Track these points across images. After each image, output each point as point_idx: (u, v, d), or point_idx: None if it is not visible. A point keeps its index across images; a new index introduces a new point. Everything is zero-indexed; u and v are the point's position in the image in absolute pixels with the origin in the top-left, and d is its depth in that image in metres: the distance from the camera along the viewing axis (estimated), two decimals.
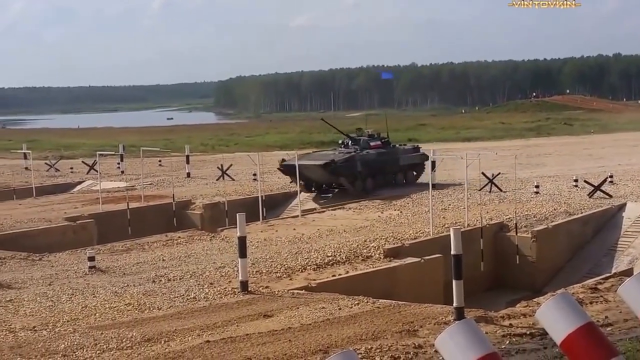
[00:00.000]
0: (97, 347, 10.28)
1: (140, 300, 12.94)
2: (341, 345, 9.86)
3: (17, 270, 16.23)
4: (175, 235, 20.45)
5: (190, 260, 16.81)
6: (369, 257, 16.37)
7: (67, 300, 13.14)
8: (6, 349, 10.34)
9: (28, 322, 11.74)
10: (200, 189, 30.23)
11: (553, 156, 43.88)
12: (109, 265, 16.46)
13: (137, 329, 11.09)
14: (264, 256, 16.62)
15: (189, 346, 10.17)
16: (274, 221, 22.88)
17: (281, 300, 12.82)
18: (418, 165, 29.80)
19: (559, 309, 3.78)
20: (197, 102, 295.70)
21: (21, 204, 27.32)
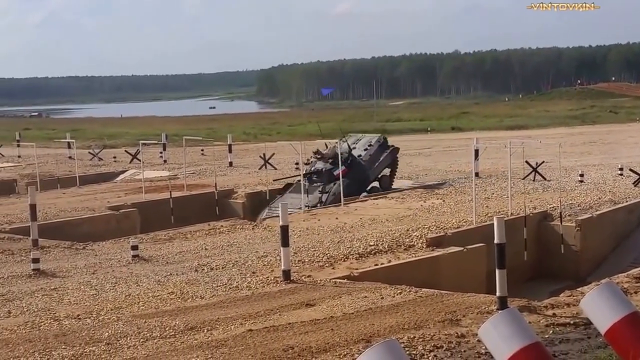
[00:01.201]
0: (140, 335, 10.38)
1: (183, 289, 13.02)
2: (384, 335, 9.87)
3: (62, 259, 16.44)
4: (218, 224, 20.56)
5: (233, 249, 16.88)
6: (412, 246, 16.31)
7: (111, 289, 13.27)
8: (51, 337, 10.49)
9: (72, 311, 11.88)
10: (243, 177, 30.36)
11: (598, 144, 43.36)
12: (152, 254, 16.60)
13: (180, 318, 11.17)
14: (306, 245, 16.64)
15: (232, 335, 10.23)
16: (316, 210, 22.89)
17: (323, 289, 12.83)
18: (390, 164, 27.27)
19: (604, 298, 3.73)
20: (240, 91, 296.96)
21: (65, 193, 27.66)
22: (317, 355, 9.13)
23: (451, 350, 9.13)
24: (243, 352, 9.36)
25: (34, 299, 12.69)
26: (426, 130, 64.59)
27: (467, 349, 9.15)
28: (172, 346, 9.88)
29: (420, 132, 63.63)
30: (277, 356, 9.12)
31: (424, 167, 32.03)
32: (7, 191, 29.67)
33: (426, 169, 31.20)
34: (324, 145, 27.70)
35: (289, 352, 9.27)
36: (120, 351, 9.75)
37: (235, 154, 36.84)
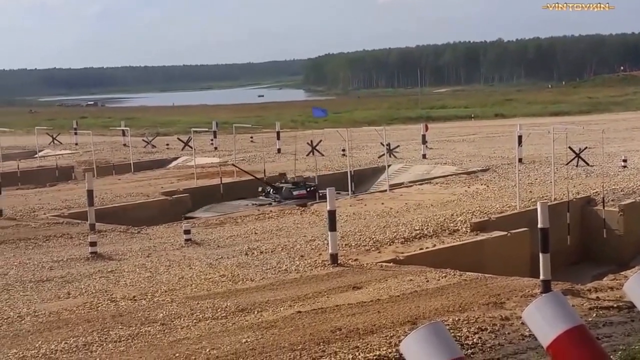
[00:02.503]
0: (193, 316, 10.72)
1: (234, 272, 13.37)
2: (429, 317, 10.03)
3: (117, 242, 16.91)
4: (267, 209, 20.90)
5: (282, 234, 17.19)
6: (456, 231, 16.47)
7: (165, 272, 13.67)
8: (108, 317, 10.90)
9: (128, 292, 12.29)
10: (291, 164, 30.64)
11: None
12: (204, 238, 16.98)
13: (231, 300, 11.50)
14: (353, 230, 16.89)
15: (281, 316, 10.51)
16: (362, 195, 23.12)
17: (370, 272, 13.08)
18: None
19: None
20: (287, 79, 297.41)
21: (120, 179, 28.31)
22: (364, 336, 9.33)
23: (495, 333, 9.28)
24: (292, 333, 9.63)
25: (92, 280, 13.17)
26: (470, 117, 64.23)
27: (511, 332, 9.29)
28: (224, 327, 10.21)
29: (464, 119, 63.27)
30: (325, 337, 9.35)
31: (467, 154, 31.99)
32: (65, 177, 30.57)
33: (470, 155, 31.18)
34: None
35: (336, 333, 9.51)
36: (175, 331, 10.10)
37: (283, 141, 37.15)
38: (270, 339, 9.49)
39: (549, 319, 3.66)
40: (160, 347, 9.45)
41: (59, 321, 10.82)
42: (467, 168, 26.99)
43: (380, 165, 28.00)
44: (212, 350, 9.11)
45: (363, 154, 32.48)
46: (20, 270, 14.12)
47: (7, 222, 19.72)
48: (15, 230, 18.51)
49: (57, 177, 30.76)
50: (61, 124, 54.52)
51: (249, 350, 9.05)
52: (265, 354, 8.89)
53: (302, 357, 8.70)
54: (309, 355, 8.73)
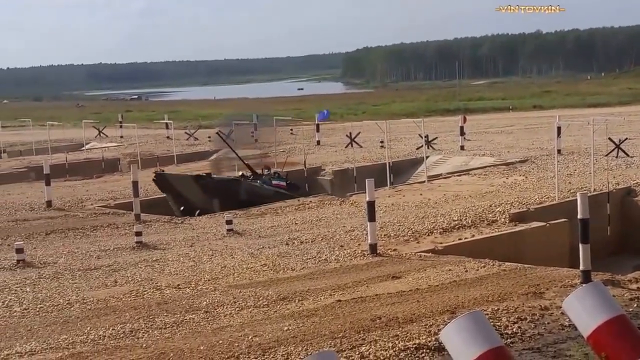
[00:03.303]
0: (236, 304, 10.94)
1: (275, 261, 13.59)
2: (468, 307, 10.13)
3: (162, 232, 17.23)
4: (307, 200, 21.09)
5: (321, 224, 17.38)
6: (495, 222, 16.49)
7: (208, 261, 13.94)
8: (154, 305, 11.16)
9: (173, 281, 12.55)
10: (330, 156, 30.84)
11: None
12: (246, 228, 17.23)
13: (273, 288, 11.70)
14: (392, 220, 17.01)
15: (322, 305, 10.68)
16: (401, 187, 23.20)
17: (409, 262, 13.20)
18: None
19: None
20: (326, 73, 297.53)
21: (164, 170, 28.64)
22: (404, 325, 9.46)
23: (535, 322, 9.36)
24: (332, 322, 9.80)
25: (138, 269, 13.48)
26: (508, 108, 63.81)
27: (550, 321, 9.37)
28: (266, 315, 10.42)
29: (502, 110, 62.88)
30: (365, 326, 9.49)
31: (506, 145, 31.86)
32: (111, 169, 31.15)
33: (508, 147, 31.03)
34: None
35: (376, 322, 9.66)
36: (218, 319, 10.34)
37: (322, 133, 37.32)
38: (310, 327, 9.67)
39: (590, 309, 3.68)
40: (204, 334, 9.68)
41: (107, 308, 11.12)
42: (505, 159, 26.91)
43: (419, 157, 28.03)
44: (255, 338, 9.31)
45: (401, 146, 32.53)
46: (69, 259, 14.50)
47: (56, 212, 20.22)
48: (64, 220, 18.98)
49: (104, 168, 31.39)
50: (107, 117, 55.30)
51: (290, 338, 9.23)
52: (306, 341, 9.07)
53: (343, 344, 8.86)
54: (349, 343, 8.89)
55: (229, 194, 21.76)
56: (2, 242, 16.24)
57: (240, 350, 8.88)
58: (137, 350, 9.17)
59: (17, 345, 9.52)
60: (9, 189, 25.96)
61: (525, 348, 8.59)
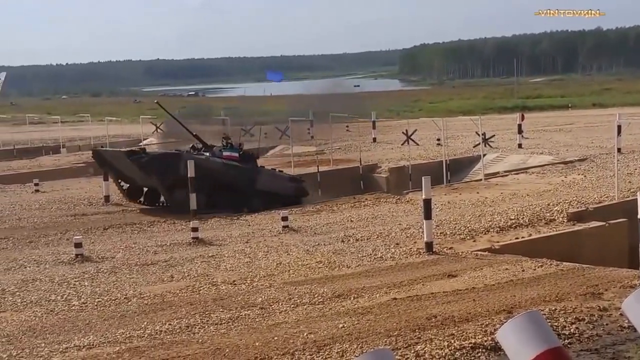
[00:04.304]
0: (291, 301, 10.95)
1: (331, 259, 13.58)
2: (525, 306, 9.98)
3: (218, 228, 17.38)
4: (363, 197, 21.08)
5: (377, 222, 17.33)
6: (552, 221, 16.25)
7: (263, 257, 14.00)
8: (210, 300, 11.24)
9: (228, 277, 12.62)
10: (386, 153, 30.78)
11: None
12: (301, 225, 17.27)
13: (328, 286, 11.68)
14: (448, 218, 16.90)
15: (377, 303, 10.64)
16: (457, 185, 23.06)
17: (465, 261, 13.09)
18: (290, 198, 21.84)
19: None
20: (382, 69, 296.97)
21: None
22: (460, 324, 9.37)
23: (593, 323, 9.18)
24: (388, 320, 9.75)
25: (194, 265, 13.61)
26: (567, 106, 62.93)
27: (609, 322, 9.19)
28: (321, 312, 10.40)
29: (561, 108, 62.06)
30: (420, 324, 9.43)
31: (564, 143, 31.42)
32: None
33: (567, 145, 30.62)
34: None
35: (432, 320, 9.58)
36: (273, 315, 10.36)
37: (378, 130, 37.28)
38: (366, 324, 9.63)
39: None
40: (259, 330, 9.70)
41: (163, 303, 11.23)
42: (563, 158, 26.53)
43: (475, 155, 27.83)
44: (310, 335, 9.31)
45: (458, 144, 32.32)
46: (127, 254, 14.72)
47: (114, 207, 20.56)
48: (121, 216, 19.29)
49: None
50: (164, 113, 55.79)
51: (345, 335, 9.21)
52: (362, 339, 9.04)
53: (398, 343, 8.81)
54: (404, 341, 8.83)
55: (168, 169, 20.24)
56: (61, 237, 16.55)
57: (296, 347, 8.89)
58: (193, 345, 9.24)
59: (75, 338, 9.66)
60: (67, 184, 26.48)
61: (583, 349, 8.45)
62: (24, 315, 10.86)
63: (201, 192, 19.17)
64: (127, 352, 9.05)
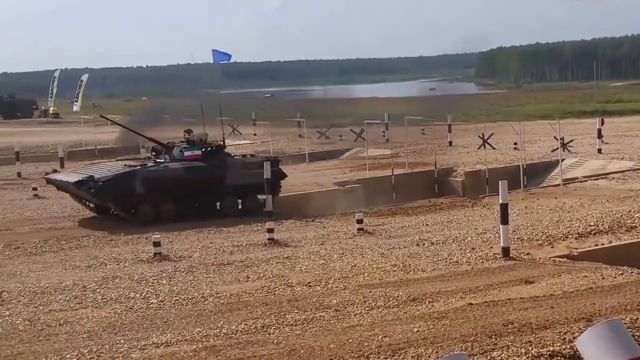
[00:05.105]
0: (366, 304, 10.95)
1: (405, 262, 13.53)
2: (605, 314, 9.81)
3: (293, 230, 17.46)
4: (438, 201, 20.96)
5: (452, 226, 17.20)
6: (634, 228, 15.86)
7: (338, 259, 14.00)
8: (285, 301, 11.31)
9: (303, 278, 12.68)
10: (462, 157, 30.49)
11: None
12: (376, 227, 17.23)
13: (403, 289, 11.66)
14: (525, 224, 16.65)
15: (452, 307, 10.57)
16: (535, 189, 22.73)
17: (542, 267, 12.91)
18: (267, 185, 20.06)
19: None
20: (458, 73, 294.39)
21: (295, 168, 29.07)
22: (537, 331, 9.24)
23: None
24: (464, 325, 9.68)
25: (269, 265, 13.71)
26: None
27: None
28: (396, 315, 10.39)
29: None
30: (497, 330, 9.33)
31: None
32: None
33: None
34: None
35: (508, 327, 9.47)
36: (348, 318, 10.38)
37: (454, 133, 36.97)
38: (441, 329, 9.58)
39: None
40: (334, 332, 9.73)
41: (239, 303, 11.35)
42: None
43: (554, 160, 27.37)
44: (384, 338, 9.30)
45: (535, 148, 31.82)
46: (204, 254, 14.91)
47: None
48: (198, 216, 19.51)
49: None
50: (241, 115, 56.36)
51: (420, 340, 9.18)
52: (437, 343, 8.99)
53: (474, 348, 8.74)
54: (480, 347, 8.75)
55: (122, 192, 18.88)
56: (140, 236, 16.82)
57: (370, 350, 8.89)
58: (269, 345, 9.31)
59: (153, 336, 9.84)
60: None
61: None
62: (104, 311, 11.12)
63: (166, 203, 19.10)
64: (204, 351, 9.17)
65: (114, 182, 18.73)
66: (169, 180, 19.15)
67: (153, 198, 18.99)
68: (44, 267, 14.13)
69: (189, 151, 20.08)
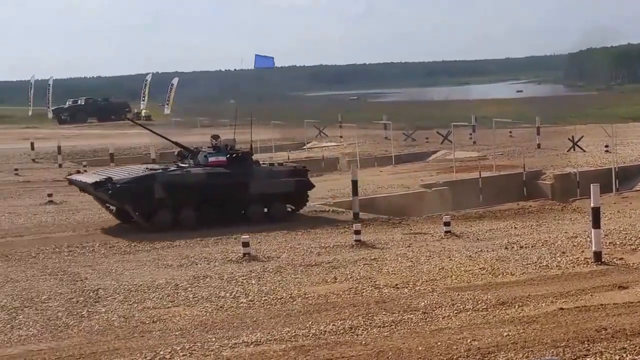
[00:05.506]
0: (454, 307, 10.91)
1: (494, 265, 13.40)
2: None
3: (380, 232, 17.46)
4: (527, 204, 20.70)
5: (542, 229, 16.95)
6: None
7: (425, 262, 13.95)
8: (372, 303, 11.33)
9: (390, 280, 12.67)
10: (551, 159, 29.96)
11: None
12: (463, 230, 17.11)
13: (492, 293, 11.56)
14: (618, 228, 16.29)
15: (543, 312, 10.44)
16: (627, 193, 22.24)
17: (636, 272, 12.63)
18: (292, 195, 19.92)
19: None
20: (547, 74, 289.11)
21: (382, 171, 29.15)
22: (632, 338, 9.08)
23: None
24: (554, 330, 9.54)
25: (356, 267, 13.73)
26: None
27: None
28: (485, 319, 10.32)
29: None
30: (589, 336, 9.19)
31: None
32: (330, 168, 32.06)
33: None
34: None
35: (601, 333, 9.31)
36: (436, 320, 10.36)
37: (543, 136, 36.36)
38: (531, 334, 9.47)
39: None
40: (422, 335, 9.72)
41: (327, 304, 11.42)
42: None
43: None
44: (473, 342, 9.25)
45: (628, 151, 31.02)
46: (291, 254, 15.03)
47: None
48: None
49: (323, 167, 32.23)
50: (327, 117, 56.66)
51: (510, 344, 9.10)
52: (527, 348, 8.90)
53: (566, 354, 8.62)
54: (572, 353, 8.64)
55: (141, 195, 18.33)
56: (229, 236, 17.06)
57: (459, 353, 8.85)
58: (357, 347, 9.36)
59: (243, 335, 9.99)
60: None
61: None
62: (195, 310, 11.34)
63: (187, 208, 18.69)
64: (293, 350, 9.27)
65: (132, 184, 18.35)
66: (190, 186, 18.73)
67: (173, 203, 18.57)
68: (138, 266, 14.48)
69: (213, 157, 19.49)
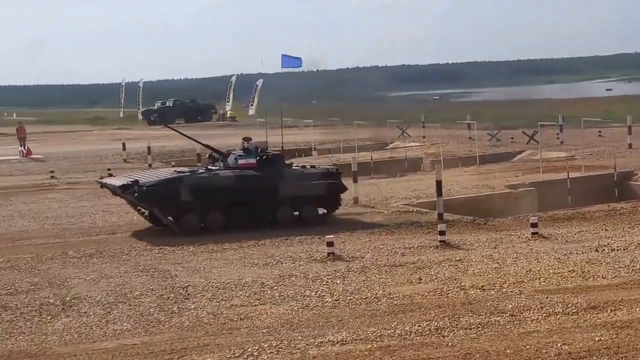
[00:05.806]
0: (542, 310, 10.73)
1: (584, 268, 13.11)
2: None
3: (464, 232, 17.26)
4: (618, 206, 20.14)
5: (635, 232, 16.43)
6: None
7: (512, 264, 13.73)
8: (458, 305, 11.24)
9: (476, 282, 12.53)
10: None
11: None
12: (551, 232, 16.75)
13: (582, 296, 11.32)
14: None
15: (637, 317, 10.21)
16: None
17: None
18: (324, 197, 19.39)
19: None
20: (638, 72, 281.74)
21: (466, 171, 28.85)
22: None
23: None
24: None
25: (441, 268, 13.61)
26: None
27: None
28: (575, 323, 10.11)
29: None
30: None
31: None
32: (414, 168, 31.91)
33: None
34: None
35: None
36: (524, 323, 10.21)
37: (634, 135, 35.42)
38: (625, 339, 9.28)
39: None
40: (510, 338, 9.60)
41: (412, 304, 11.36)
42: None
43: None
44: (564, 346, 9.08)
45: None
46: (376, 255, 14.97)
47: (362, 209, 20.97)
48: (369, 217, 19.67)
49: (407, 167, 32.07)
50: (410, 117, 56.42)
51: (602, 349, 8.91)
52: (621, 354, 8.71)
53: None
54: None
55: (168, 198, 18.09)
56: (314, 235, 17.09)
57: (549, 357, 8.70)
58: (443, 348, 9.29)
59: (329, 334, 10.01)
60: None
61: None
62: (281, 308, 11.42)
63: (215, 211, 18.32)
64: (379, 351, 9.25)
65: (158, 187, 18.14)
66: (217, 188, 18.36)
67: (200, 206, 18.23)
68: (225, 264, 14.64)
69: (243, 159, 19.04)
